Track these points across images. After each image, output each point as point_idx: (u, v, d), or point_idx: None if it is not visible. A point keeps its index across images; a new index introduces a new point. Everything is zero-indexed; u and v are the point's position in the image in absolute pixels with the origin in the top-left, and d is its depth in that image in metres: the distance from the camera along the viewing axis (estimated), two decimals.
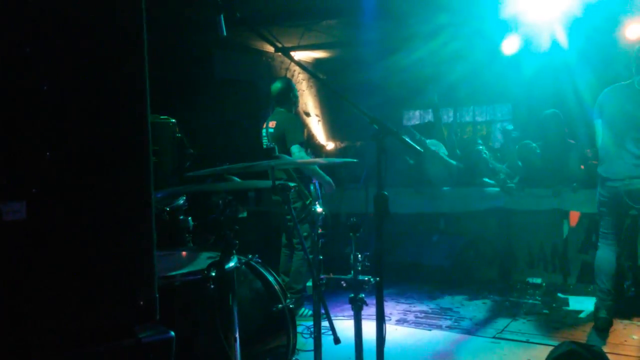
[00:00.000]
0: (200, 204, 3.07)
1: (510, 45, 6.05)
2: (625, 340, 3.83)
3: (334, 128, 9.60)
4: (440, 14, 5.83)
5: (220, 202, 2.01)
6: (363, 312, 2.16)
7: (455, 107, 9.05)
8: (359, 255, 2.04)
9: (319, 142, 8.85)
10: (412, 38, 6.91)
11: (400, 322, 4.44)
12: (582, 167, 5.28)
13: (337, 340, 1.94)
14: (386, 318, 4.51)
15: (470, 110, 8.83)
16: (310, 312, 4.44)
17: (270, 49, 8.30)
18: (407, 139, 2.44)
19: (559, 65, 6.18)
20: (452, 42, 6.28)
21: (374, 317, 2.18)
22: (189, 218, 2.79)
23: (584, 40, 5.53)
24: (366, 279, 2.02)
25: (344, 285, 2.04)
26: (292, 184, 2.06)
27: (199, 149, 3.43)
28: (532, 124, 6.47)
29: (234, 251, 1.94)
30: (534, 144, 5.72)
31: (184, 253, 2.36)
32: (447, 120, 9.16)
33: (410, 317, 4.56)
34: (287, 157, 2.36)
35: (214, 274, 1.90)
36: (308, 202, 4.40)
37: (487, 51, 6.38)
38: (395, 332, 4.15)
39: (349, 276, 2.02)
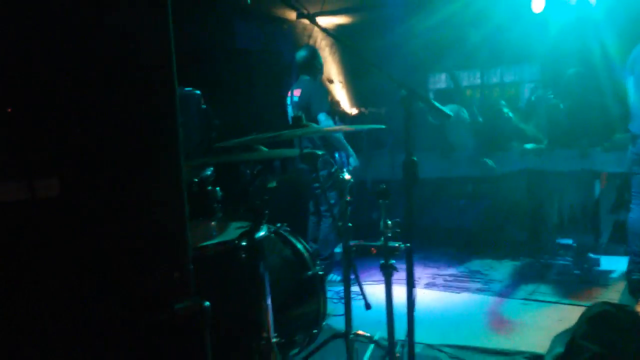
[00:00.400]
0: (228, 174, 3.11)
1: (539, 3, 5.87)
2: None
3: (358, 94, 9.50)
4: None
5: (249, 172, 2.03)
6: (393, 277, 2.18)
7: (482, 69, 8.85)
8: (389, 222, 2.04)
9: (343, 109, 8.80)
10: None
11: (429, 285, 4.46)
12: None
13: (368, 306, 1.97)
14: (415, 282, 4.56)
15: (497, 72, 8.63)
16: (339, 278, 4.50)
17: (292, 16, 8.20)
18: (436, 103, 2.41)
19: (586, 23, 5.98)
20: (476, 1, 6.12)
21: (403, 281, 2.19)
22: (217, 188, 2.82)
23: None
24: (396, 245, 2.03)
25: (374, 252, 2.05)
26: (319, 152, 2.06)
27: (224, 120, 3.45)
28: (560, 84, 6.30)
29: (264, 221, 1.96)
30: (560, 104, 5.59)
31: (213, 223, 2.40)
32: (474, 82, 8.98)
33: (439, 280, 4.58)
34: (315, 124, 2.37)
35: (244, 243, 1.93)
36: (334, 169, 4.40)
37: (512, 10, 6.21)
38: (424, 296, 4.18)
39: (379, 242, 2.03)
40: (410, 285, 2.22)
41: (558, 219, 5.49)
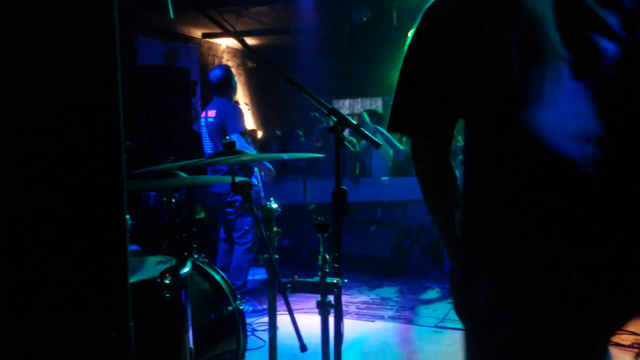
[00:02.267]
0: (136, 202, 2.85)
1: None
2: None
3: (262, 117, 9.43)
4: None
5: (174, 201, 1.84)
6: (303, 305, 2.06)
7: (384, 96, 9.12)
8: (327, 257, 1.93)
9: (249, 131, 8.66)
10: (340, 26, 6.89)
11: (343, 314, 4.38)
12: None
13: (303, 348, 1.83)
14: (328, 311, 4.48)
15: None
16: (251, 309, 4.31)
17: (197, 34, 7.99)
18: (365, 131, 2.36)
19: None
20: (383, 32, 6.32)
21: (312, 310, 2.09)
22: (127, 217, 2.57)
23: None
24: (334, 281, 1.92)
25: (311, 289, 1.92)
26: (254, 182, 1.92)
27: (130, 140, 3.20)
28: None
29: (191, 255, 1.78)
30: None
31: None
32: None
33: (352, 308, 4.53)
34: (249, 150, 2.22)
35: (168, 281, 1.73)
36: (254, 195, 4.30)
37: None
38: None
39: (316, 278, 1.91)
40: (339, 318, 2.13)
41: None
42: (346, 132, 5.51)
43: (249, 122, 9.05)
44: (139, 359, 1.06)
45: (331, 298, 1.97)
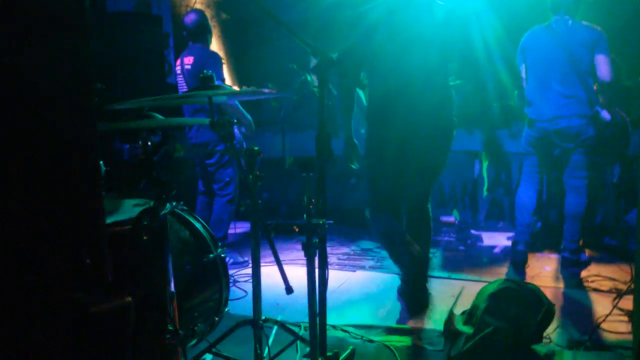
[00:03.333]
0: (111, 154, 2.72)
1: None
2: (540, 272, 4.03)
3: (240, 72, 9.18)
4: None
5: (149, 144, 1.73)
6: (285, 257, 2.00)
7: None
8: (312, 199, 1.85)
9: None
10: None
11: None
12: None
13: (289, 290, 1.78)
14: (314, 252, 4.44)
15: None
16: (232, 260, 4.25)
17: None
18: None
19: (468, 11, 6.18)
20: None
21: (297, 261, 2.03)
22: (101, 162, 2.45)
23: None
24: (320, 222, 1.85)
25: (297, 230, 1.85)
26: (233, 120, 1.81)
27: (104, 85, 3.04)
28: None
29: (171, 196, 1.68)
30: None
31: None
32: None
33: (334, 259, 4.51)
34: (227, 86, 2.09)
35: (146, 222, 1.64)
36: (236, 143, 4.19)
37: None
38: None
39: (302, 220, 1.83)
40: (323, 265, 2.07)
41: (440, 197, 5.69)
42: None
43: (225, 77, 8.81)
44: (118, 296, 0.98)
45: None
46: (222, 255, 2.49)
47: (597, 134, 3.84)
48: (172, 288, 1.86)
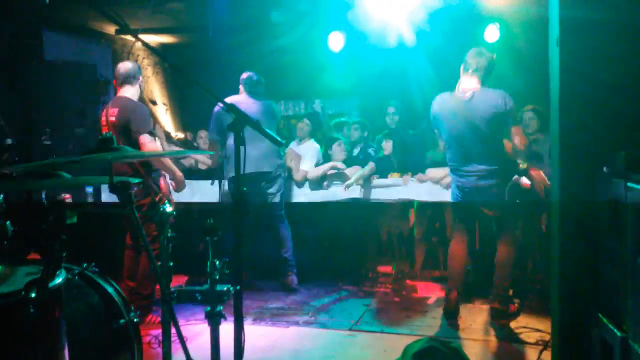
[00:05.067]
0: (23, 205, 2.59)
1: (336, 42, 6.26)
2: (471, 324, 4.05)
3: (183, 117, 9.11)
4: (292, 2, 5.77)
5: (46, 203, 1.65)
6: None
7: (306, 100, 9.06)
8: (217, 262, 1.80)
9: (167, 133, 8.33)
10: (253, 27, 6.77)
11: (257, 321, 4.26)
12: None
13: None
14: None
15: (319, 103, 8.90)
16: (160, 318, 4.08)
17: (111, 30, 7.60)
18: (267, 130, 2.25)
19: (405, 63, 6.41)
20: (289, 36, 6.29)
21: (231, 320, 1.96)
22: (8, 222, 2.32)
23: (429, 41, 5.75)
24: (225, 289, 1.79)
25: (199, 298, 1.78)
26: (135, 180, 1.75)
27: (24, 139, 2.93)
28: (378, 118, 6.65)
29: (60, 266, 1.59)
30: (379, 136, 5.92)
31: None
32: (299, 112, 9.13)
33: (267, 314, 4.41)
34: (129, 148, 2.01)
35: (34, 295, 1.54)
36: (158, 198, 4.07)
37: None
38: (251, 333, 3.94)
39: (205, 287, 1.77)
40: (239, 334, 1.99)
41: (378, 246, 5.71)
42: None
43: (168, 123, 8.72)
44: None
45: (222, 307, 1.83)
46: (135, 320, 2.38)
47: (519, 196, 3.97)
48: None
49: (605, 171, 2.08)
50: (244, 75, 5.26)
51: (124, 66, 4.15)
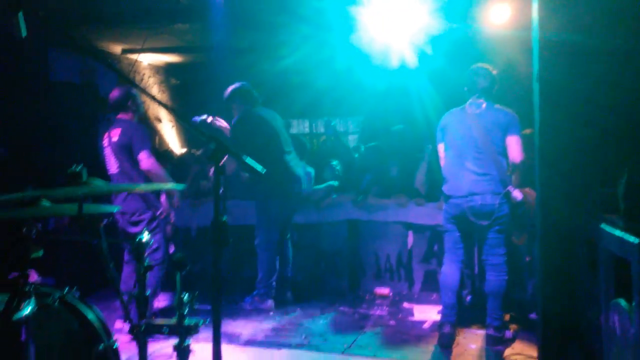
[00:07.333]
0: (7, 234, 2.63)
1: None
2: (465, 350, 4.00)
3: (188, 134, 9.20)
4: (297, 25, 5.82)
5: (24, 231, 1.67)
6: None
7: (311, 118, 9.11)
8: (186, 296, 1.80)
9: (171, 149, 8.40)
10: (264, 47, 6.83)
11: (250, 342, 4.25)
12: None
13: None
14: (235, 338, 4.31)
15: (324, 122, 8.95)
16: (167, 330, 4.10)
17: (117, 50, 7.73)
18: (247, 160, 2.25)
19: (409, 83, 6.43)
20: (296, 54, 6.32)
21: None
22: None
23: (431, 63, 5.76)
24: (193, 323, 1.79)
25: (166, 332, 1.78)
26: (111, 209, 1.77)
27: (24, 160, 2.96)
28: (381, 138, 6.66)
29: (28, 298, 1.61)
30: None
31: None
32: (303, 131, 9.18)
33: (261, 335, 4.40)
34: (100, 181, 2.00)
35: None
36: (159, 213, 4.24)
37: (343, 65, 6.47)
38: (242, 356, 3.95)
39: (173, 320, 1.77)
40: None
41: (376, 268, 5.68)
42: None
43: (173, 140, 8.81)
44: None
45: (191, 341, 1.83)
46: (114, 346, 2.38)
47: (511, 212, 3.94)
48: None
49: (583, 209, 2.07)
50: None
51: (112, 95, 4.30)
